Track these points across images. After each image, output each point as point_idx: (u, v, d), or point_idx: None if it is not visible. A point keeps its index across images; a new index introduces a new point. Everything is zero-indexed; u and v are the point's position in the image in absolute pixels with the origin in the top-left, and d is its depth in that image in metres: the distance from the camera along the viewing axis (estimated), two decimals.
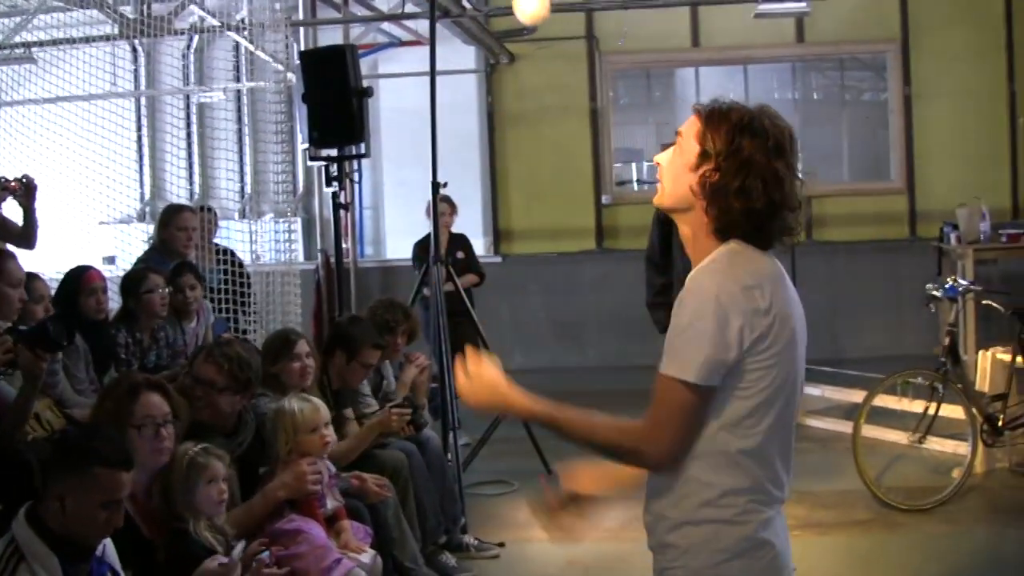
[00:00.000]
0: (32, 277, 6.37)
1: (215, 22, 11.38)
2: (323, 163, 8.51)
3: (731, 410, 2.89)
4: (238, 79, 13.07)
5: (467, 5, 11.82)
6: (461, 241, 10.60)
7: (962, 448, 8.32)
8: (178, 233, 8.01)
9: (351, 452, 6.20)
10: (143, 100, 14.33)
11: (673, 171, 3.07)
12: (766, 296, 2.88)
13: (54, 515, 3.76)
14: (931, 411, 8.15)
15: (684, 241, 3.11)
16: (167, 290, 7.08)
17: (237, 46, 12.77)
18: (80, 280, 6.75)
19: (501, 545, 7.35)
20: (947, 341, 8.24)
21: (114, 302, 7.38)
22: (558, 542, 3.28)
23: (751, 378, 2.87)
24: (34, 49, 11.55)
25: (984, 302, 9.13)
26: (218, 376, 5.41)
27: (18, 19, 11.45)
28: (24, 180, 7.25)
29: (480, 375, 3.10)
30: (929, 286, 8.61)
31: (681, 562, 2.96)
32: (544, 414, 3.04)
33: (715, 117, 2.99)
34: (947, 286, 8.42)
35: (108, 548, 3.99)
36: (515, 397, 3.07)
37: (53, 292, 6.65)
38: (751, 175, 2.90)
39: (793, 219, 2.99)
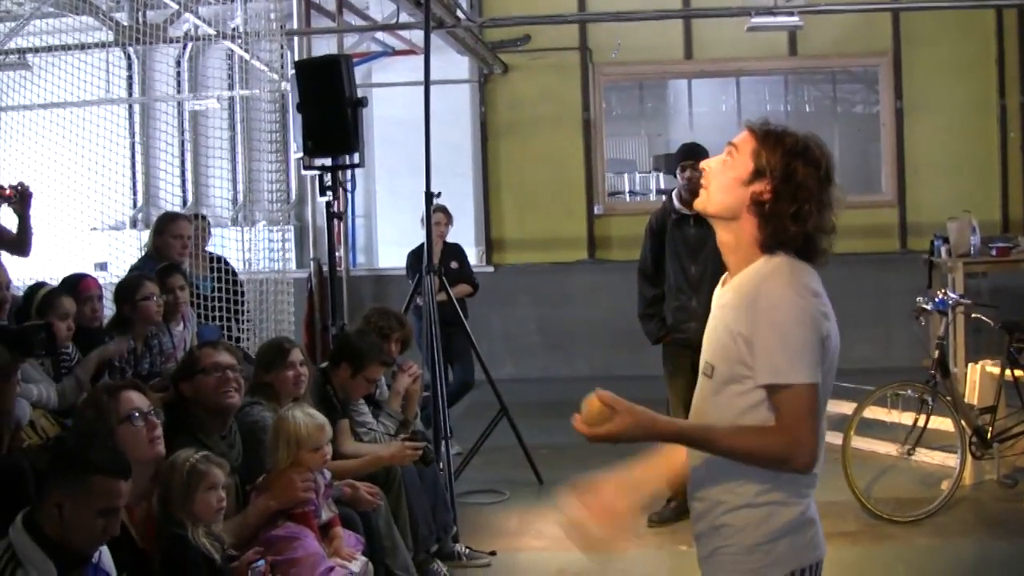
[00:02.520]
0: (57, 293, 6.38)
1: (210, 30, 11.42)
2: (317, 172, 8.53)
3: None
4: (232, 87, 13.09)
5: (461, 16, 11.87)
6: (455, 251, 10.60)
7: (951, 460, 8.36)
8: (173, 241, 8.01)
9: (355, 473, 6.21)
10: (136, 107, 14.34)
11: (723, 182, 3.24)
12: (826, 304, 3.15)
13: (51, 522, 3.77)
14: (920, 423, 8.18)
15: (722, 247, 3.30)
16: (162, 297, 7.08)
17: (231, 54, 12.79)
18: (77, 287, 6.75)
19: (492, 554, 7.36)
20: (936, 354, 8.26)
21: (107, 309, 7.37)
22: (593, 555, 3.37)
23: None
24: (28, 55, 11.57)
25: (973, 315, 9.18)
26: (234, 360, 5.53)
27: (12, 24, 11.47)
28: (19, 187, 7.25)
29: (614, 406, 3.16)
30: (919, 299, 8.65)
31: (736, 540, 3.17)
32: (692, 429, 3.20)
33: (771, 138, 3.19)
34: (937, 299, 8.46)
35: (104, 555, 4.00)
36: (657, 420, 3.14)
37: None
38: (807, 201, 3.14)
39: (827, 242, 3.24)
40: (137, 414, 4.61)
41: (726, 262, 3.30)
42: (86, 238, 11.35)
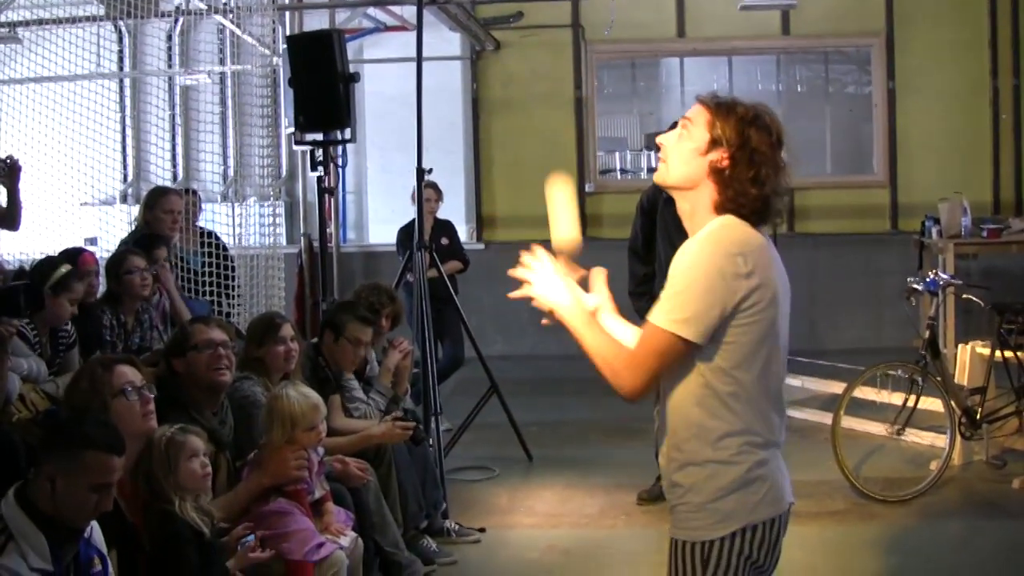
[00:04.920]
0: (71, 276, 6.36)
1: (201, 4, 11.35)
2: (308, 147, 8.52)
3: (721, 361, 3.26)
4: (223, 62, 13.04)
5: None
6: (446, 227, 10.58)
7: (940, 440, 8.39)
8: (163, 216, 7.99)
9: (345, 451, 6.19)
10: (127, 81, 14.28)
11: (681, 153, 3.40)
12: (749, 263, 3.22)
13: (44, 496, 3.76)
14: (910, 403, 8.20)
15: (682, 216, 3.46)
16: (151, 270, 7.08)
17: (223, 29, 12.73)
18: (75, 262, 6.74)
19: (482, 530, 7.37)
20: (927, 334, 8.28)
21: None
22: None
23: (736, 332, 3.23)
24: (19, 28, 11.51)
25: (964, 296, 9.18)
26: (227, 337, 5.53)
27: None
28: (8, 161, 7.25)
29: (553, 277, 3.46)
30: (910, 279, 8.65)
31: (686, 498, 3.35)
32: (585, 316, 3.43)
33: (724, 109, 3.36)
34: (928, 280, 8.46)
35: (95, 531, 3.99)
36: (580, 305, 3.44)
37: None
38: (763, 165, 3.30)
39: (781, 203, 3.39)
40: (130, 388, 4.60)
41: (686, 228, 3.44)
42: (76, 213, 11.32)
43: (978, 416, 8.32)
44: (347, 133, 8.31)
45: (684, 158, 3.38)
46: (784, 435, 3.42)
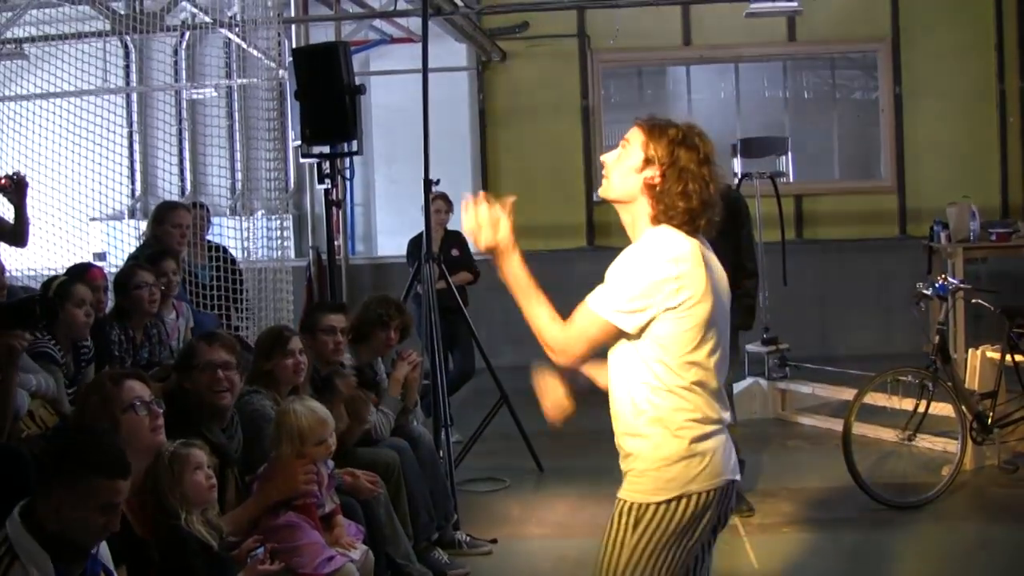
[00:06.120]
0: (71, 282, 6.35)
1: (207, 19, 11.39)
2: (315, 160, 8.53)
3: (664, 355, 3.65)
4: (229, 76, 13.06)
5: (459, 3, 11.83)
6: (456, 238, 10.52)
7: (951, 446, 8.35)
8: (172, 230, 7.98)
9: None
10: (134, 96, 14.32)
11: (620, 170, 3.81)
12: (678, 267, 3.61)
13: (50, 516, 3.72)
14: (921, 409, 8.17)
15: (625, 226, 3.89)
16: (160, 286, 7.07)
17: (229, 43, 12.76)
18: (84, 277, 6.73)
19: (493, 541, 7.35)
20: (937, 339, 8.25)
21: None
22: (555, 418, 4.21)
23: (671, 327, 3.63)
24: (25, 45, 11.53)
25: (973, 301, 9.17)
26: (231, 356, 5.49)
27: (9, 14, 11.43)
28: (15, 177, 7.26)
29: (498, 222, 3.93)
30: (919, 285, 8.64)
31: (634, 465, 3.74)
32: (525, 279, 3.94)
33: (656, 131, 3.76)
34: (937, 285, 8.44)
35: (102, 547, 3.96)
36: (511, 256, 3.93)
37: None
38: (690, 180, 3.68)
39: (713, 213, 3.75)
40: (140, 403, 4.59)
41: (629, 237, 3.85)
42: (85, 228, 11.34)
43: (989, 420, 8.29)
44: (354, 145, 8.32)
45: (622, 175, 3.80)
46: (728, 415, 3.78)
